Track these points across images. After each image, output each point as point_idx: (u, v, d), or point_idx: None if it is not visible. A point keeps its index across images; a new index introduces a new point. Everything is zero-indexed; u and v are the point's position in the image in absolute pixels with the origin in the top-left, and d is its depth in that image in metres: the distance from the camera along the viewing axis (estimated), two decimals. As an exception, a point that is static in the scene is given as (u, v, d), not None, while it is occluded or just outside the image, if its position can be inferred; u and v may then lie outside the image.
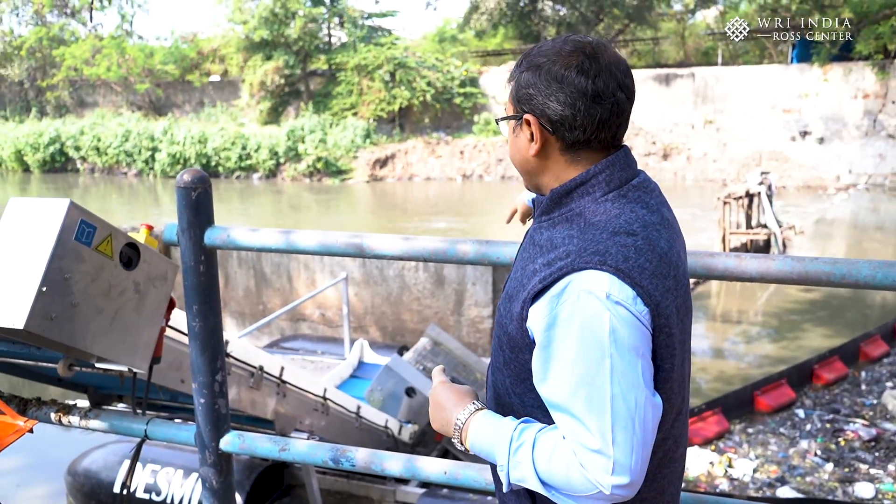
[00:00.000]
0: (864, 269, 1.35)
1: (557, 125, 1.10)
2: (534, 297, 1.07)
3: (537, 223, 1.18)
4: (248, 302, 7.64)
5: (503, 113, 1.23)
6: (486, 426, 1.11)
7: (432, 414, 1.20)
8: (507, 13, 26.29)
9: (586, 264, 1.02)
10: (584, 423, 1.00)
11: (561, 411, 1.03)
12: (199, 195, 1.70)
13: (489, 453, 1.10)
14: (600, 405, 0.99)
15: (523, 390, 1.15)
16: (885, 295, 9.87)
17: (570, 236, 1.08)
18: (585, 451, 0.99)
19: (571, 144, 1.12)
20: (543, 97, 1.09)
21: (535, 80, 1.11)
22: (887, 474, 4.71)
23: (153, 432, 1.90)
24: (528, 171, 1.18)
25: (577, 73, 1.08)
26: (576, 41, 1.11)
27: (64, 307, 1.61)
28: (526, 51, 1.18)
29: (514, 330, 1.12)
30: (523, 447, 1.05)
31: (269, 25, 24.75)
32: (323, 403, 3.47)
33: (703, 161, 22.02)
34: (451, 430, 1.15)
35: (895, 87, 19.69)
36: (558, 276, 1.04)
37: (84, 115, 29.72)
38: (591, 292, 1.00)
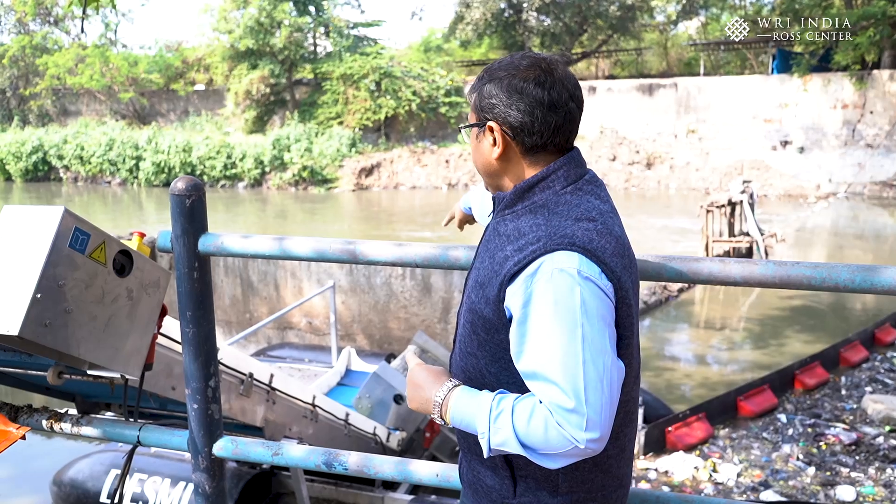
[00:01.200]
0: (843, 273, 1.39)
1: (518, 131, 1.23)
2: (510, 279, 1.18)
3: (499, 216, 1.29)
4: (234, 310, 7.62)
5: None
6: (466, 399, 1.21)
7: (410, 394, 1.28)
8: (491, 23, 26.48)
9: (557, 246, 1.15)
10: (559, 386, 1.10)
11: (537, 378, 1.14)
12: (192, 203, 1.72)
13: (469, 423, 1.19)
14: (574, 369, 1.10)
15: (498, 369, 1.26)
16: (864, 301, 10.02)
17: (536, 224, 1.21)
18: (562, 411, 1.10)
19: (530, 148, 1.25)
20: (505, 106, 1.23)
21: (496, 91, 1.23)
22: (868, 478, 4.78)
23: (146, 438, 1.90)
24: (490, 173, 1.30)
25: (534, 85, 1.22)
26: (532, 57, 1.25)
27: (58, 314, 1.62)
28: (487, 65, 1.30)
29: (490, 312, 1.22)
30: (503, 414, 1.14)
31: (254, 35, 24.75)
32: (312, 411, 3.48)
33: (686, 170, 22.26)
34: (430, 408, 1.24)
35: (873, 98, 20.05)
36: (532, 258, 1.16)
37: (67, 123, 29.51)
38: (563, 269, 1.13)
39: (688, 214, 15.97)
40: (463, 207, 1.97)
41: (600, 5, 25.53)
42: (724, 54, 27.56)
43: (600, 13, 25.79)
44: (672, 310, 9.84)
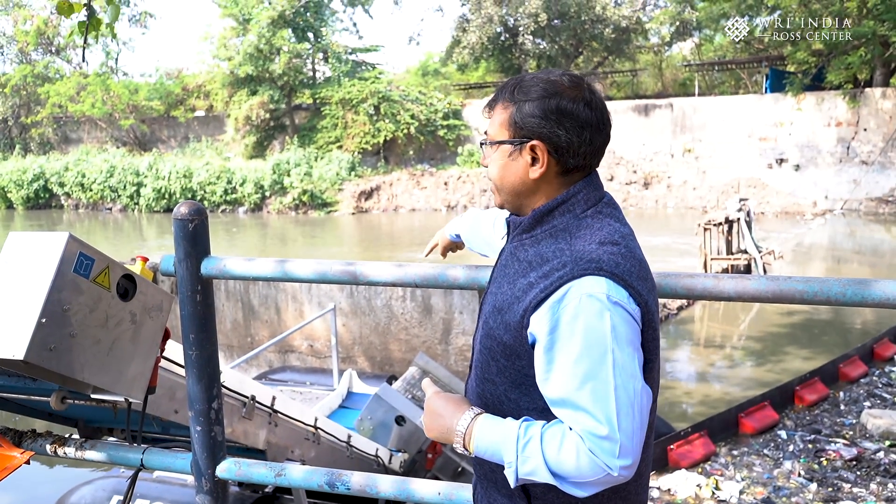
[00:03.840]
0: (834, 286, 1.43)
1: (563, 151, 1.22)
2: (536, 306, 1.15)
3: (517, 241, 1.28)
4: (235, 334, 7.62)
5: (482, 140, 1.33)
6: (490, 428, 1.18)
7: (429, 423, 1.25)
8: (488, 47, 26.77)
9: (584, 271, 1.13)
10: (591, 414, 1.09)
11: (567, 405, 1.12)
12: (195, 226, 1.76)
13: (494, 452, 1.16)
14: (605, 395, 1.09)
15: (518, 395, 1.23)
16: (863, 317, 10.03)
17: (560, 249, 1.19)
18: (595, 438, 1.08)
19: (569, 169, 1.24)
20: (552, 126, 1.20)
21: (541, 109, 1.20)
22: (870, 493, 4.76)
23: (149, 461, 1.92)
24: (520, 192, 1.27)
25: (584, 105, 1.22)
26: (571, 75, 1.25)
27: (62, 338, 1.64)
28: (513, 80, 1.26)
29: (511, 338, 1.20)
30: (532, 442, 1.12)
31: (253, 61, 25.00)
32: (314, 433, 3.48)
33: (684, 189, 22.36)
34: (451, 437, 1.21)
35: (866, 115, 20.22)
36: (559, 284, 1.14)
37: (68, 151, 29.68)
38: (591, 295, 1.11)
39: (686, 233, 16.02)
40: (449, 235, 1.92)
41: (595, 28, 25.83)
42: (719, 74, 27.83)
43: (595, 36, 26.08)
44: (671, 328, 9.85)
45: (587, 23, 25.65)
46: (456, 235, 1.91)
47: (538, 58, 27.30)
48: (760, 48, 24.56)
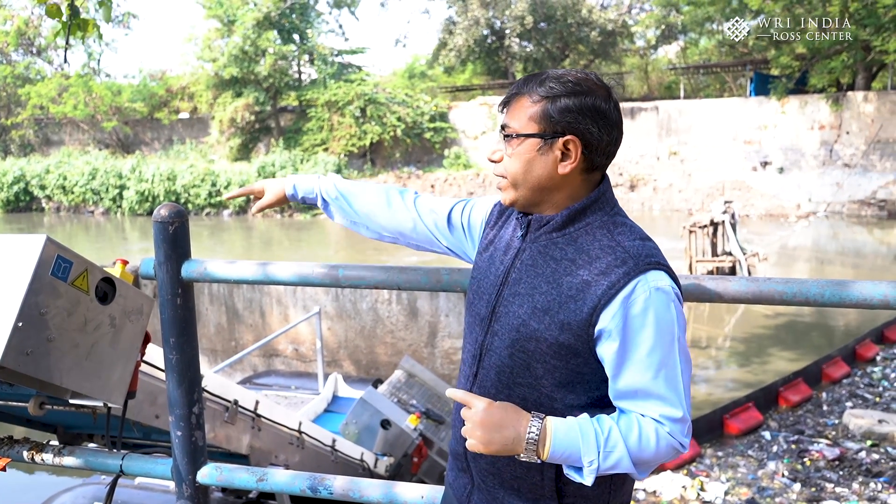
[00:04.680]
0: (812, 287, 1.44)
1: (593, 149, 1.22)
2: (606, 303, 1.16)
3: (546, 239, 1.26)
4: (220, 338, 7.56)
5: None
6: (565, 429, 1.16)
7: (487, 437, 1.18)
8: (474, 50, 26.81)
9: (647, 266, 1.17)
10: (667, 400, 1.16)
11: (641, 395, 1.17)
12: (175, 229, 1.74)
13: (572, 453, 1.15)
14: (675, 380, 1.17)
15: (564, 394, 1.24)
16: (846, 319, 10.13)
17: (608, 246, 1.21)
18: (672, 421, 1.16)
19: (594, 168, 1.25)
20: (588, 122, 1.20)
21: (579, 106, 1.20)
22: (852, 492, 4.80)
23: (129, 467, 1.89)
24: (544, 187, 1.25)
25: (613, 106, 1.24)
26: (597, 75, 1.26)
27: (40, 342, 1.61)
28: (535, 76, 1.25)
29: (571, 338, 1.19)
30: (612, 435, 1.15)
31: (238, 63, 24.87)
32: (298, 437, 3.46)
33: (669, 191, 22.50)
34: (520, 447, 1.16)
35: (849, 119, 20.45)
36: (626, 280, 1.16)
37: (50, 153, 29.37)
38: (659, 288, 1.16)
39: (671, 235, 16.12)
40: (290, 192, 1.62)
41: (581, 31, 25.95)
42: (704, 78, 28.04)
43: (581, 39, 26.20)
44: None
45: (573, 26, 25.77)
46: (297, 194, 1.62)
47: (525, 60, 27.39)
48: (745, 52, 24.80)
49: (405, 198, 1.55)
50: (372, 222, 1.57)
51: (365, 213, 1.57)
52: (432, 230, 1.52)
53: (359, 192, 1.59)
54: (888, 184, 20.12)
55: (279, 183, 1.65)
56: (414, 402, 5.18)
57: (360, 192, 1.59)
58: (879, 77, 22.57)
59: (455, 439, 1.41)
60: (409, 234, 1.54)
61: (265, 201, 1.65)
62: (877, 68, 21.35)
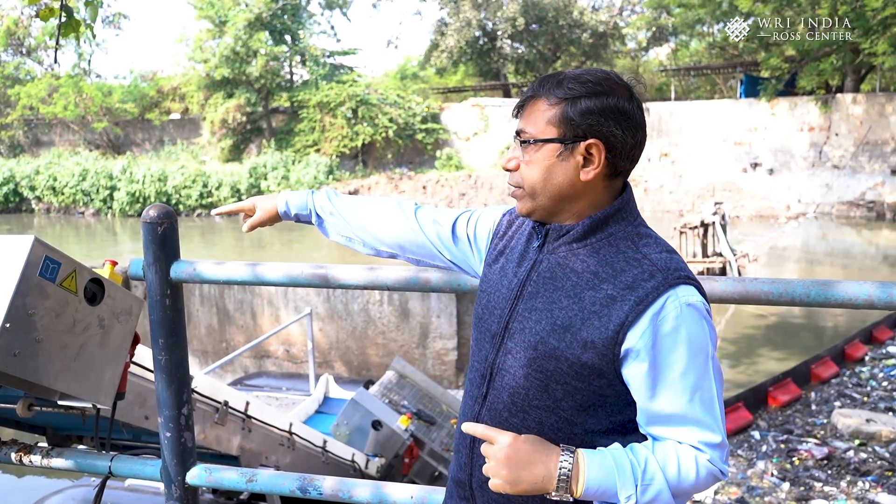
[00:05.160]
0: (798, 287, 1.45)
1: (617, 153, 1.14)
2: (634, 320, 1.07)
3: (565, 250, 1.17)
4: (210, 340, 7.54)
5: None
6: (598, 462, 1.06)
7: (514, 476, 1.07)
8: (466, 51, 26.87)
9: (677, 280, 1.09)
10: (705, 425, 1.08)
11: (677, 420, 1.08)
12: (164, 230, 1.74)
13: (608, 488, 1.05)
14: (711, 402, 1.08)
15: (585, 418, 1.14)
16: (835, 319, 10.20)
17: (634, 259, 1.12)
18: (711, 448, 1.08)
19: (617, 173, 1.16)
20: (611, 125, 1.12)
21: (601, 107, 1.11)
22: (840, 491, 4.84)
23: (118, 468, 1.89)
24: (565, 196, 1.16)
25: (637, 106, 1.15)
26: (617, 74, 1.17)
27: (28, 343, 1.61)
28: (551, 76, 1.16)
29: (594, 357, 1.10)
30: (649, 467, 1.06)
31: (230, 64, 24.82)
32: (289, 438, 3.45)
33: (660, 193, 22.60)
34: (550, 485, 1.06)
35: (838, 120, 20.60)
36: (656, 296, 1.07)
37: (40, 154, 29.19)
38: (690, 304, 1.08)
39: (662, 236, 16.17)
40: (282, 209, 1.56)
41: (573, 33, 26.05)
42: (694, 79, 28.19)
43: (573, 40, 26.30)
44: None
45: (565, 27, 25.86)
46: (291, 211, 1.55)
47: (516, 62, 27.46)
48: (735, 54, 24.95)
49: (405, 209, 1.47)
50: (369, 236, 1.49)
51: (362, 227, 1.49)
52: (434, 242, 1.43)
53: (355, 205, 1.52)
54: (877, 185, 20.29)
55: (271, 200, 1.58)
56: (405, 403, 5.18)
57: (356, 205, 1.52)
58: (868, 79, 22.78)
59: (458, 465, 1.30)
60: (410, 248, 1.46)
61: (256, 219, 1.58)
62: (865, 70, 21.53)
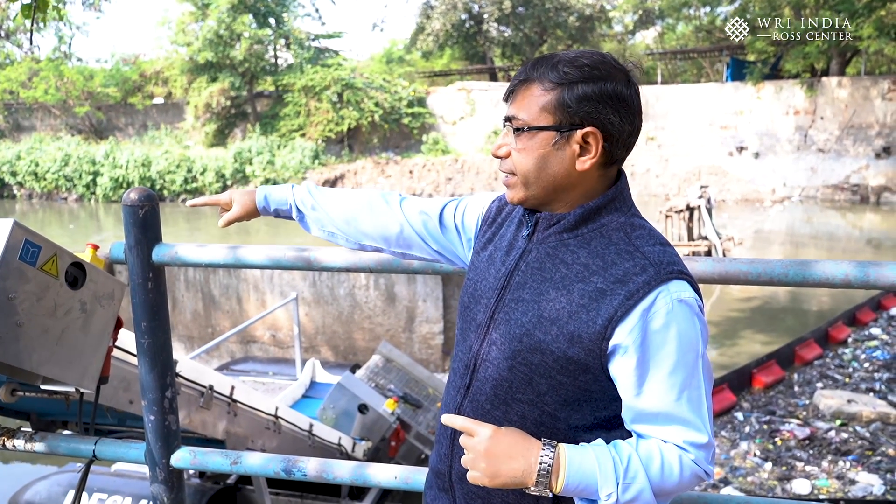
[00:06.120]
0: (777, 267, 1.46)
1: (614, 140, 1.09)
2: (623, 315, 1.05)
3: (555, 240, 1.14)
4: (196, 325, 7.51)
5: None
6: (580, 458, 1.04)
7: (493, 469, 1.05)
8: (452, 34, 26.70)
9: (669, 275, 1.06)
10: (691, 424, 1.06)
11: (663, 419, 1.06)
12: (145, 213, 1.72)
13: (588, 485, 1.03)
14: (699, 402, 1.06)
15: (569, 413, 1.12)
16: (820, 301, 10.32)
17: (626, 251, 1.09)
18: (696, 448, 1.06)
19: (613, 161, 1.12)
20: (608, 112, 1.07)
21: (598, 93, 1.07)
22: (822, 471, 4.93)
23: (102, 452, 1.89)
24: (559, 185, 1.12)
25: (634, 91, 1.10)
26: (613, 57, 1.12)
27: (8, 327, 1.60)
28: (543, 59, 1.11)
29: (580, 352, 1.08)
30: (632, 465, 1.04)
31: (213, 47, 24.52)
32: (275, 422, 3.46)
33: (647, 176, 22.67)
34: (530, 479, 1.04)
35: (823, 104, 20.71)
36: (647, 290, 1.04)
37: (20, 139, 28.78)
38: (682, 300, 1.05)
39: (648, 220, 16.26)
40: (261, 203, 1.52)
41: (559, 16, 25.94)
42: (681, 63, 28.21)
43: (559, 24, 26.20)
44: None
45: (551, 10, 25.75)
46: (270, 206, 1.52)
47: (503, 45, 27.33)
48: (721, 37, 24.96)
49: (389, 201, 1.43)
50: (353, 230, 1.46)
51: (345, 220, 1.45)
52: (421, 233, 1.40)
53: (337, 198, 1.47)
54: (861, 168, 20.46)
55: (249, 194, 1.52)
56: (392, 386, 5.20)
57: (338, 198, 1.47)
58: (853, 63, 22.89)
59: (438, 456, 1.29)
60: (395, 240, 1.43)
61: (233, 214, 1.52)
62: (850, 54, 21.63)
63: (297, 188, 1.51)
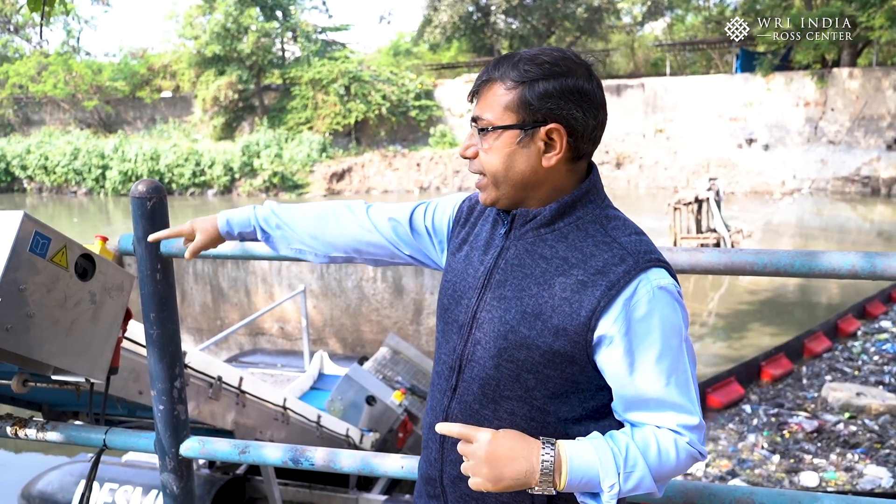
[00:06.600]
0: (783, 258, 1.45)
1: (579, 135, 1.10)
2: (606, 305, 1.06)
3: (533, 236, 1.15)
4: (205, 318, 7.55)
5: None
6: (580, 452, 1.04)
7: (496, 473, 1.03)
8: (460, 26, 26.61)
9: (647, 263, 1.08)
10: (682, 407, 1.08)
11: (654, 405, 1.08)
12: (154, 205, 1.74)
13: (590, 479, 1.03)
14: (687, 385, 1.09)
15: (558, 406, 1.13)
16: (829, 294, 10.27)
17: (603, 243, 1.10)
18: (689, 430, 1.08)
19: (580, 156, 1.13)
20: (571, 107, 1.08)
21: (559, 89, 1.08)
22: (830, 463, 4.92)
23: (112, 441, 1.91)
24: (528, 183, 1.13)
25: (596, 85, 1.12)
26: (574, 53, 1.13)
27: (19, 318, 1.61)
28: (505, 58, 1.12)
29: (566, 345, 1.09)
30: (630, 454, 1.05)
31: (221, 40, 24.55)
32: (283, 413, 3.48)
33: (655, 169, 22.58)
34: (533, 479, 1.03)
35: (833, 95, 20.54)
36: (628, 280, 1.06)
37: (30, 133, 28.94)
38: (662, 287, 1.07)
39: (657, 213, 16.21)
40: (223, 228, 1.49)
41: (567, 7, 25.81)
42: (690, 55, 28.03)
43: (567, 15, 26.07)
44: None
45: (559, 2, 25.62)
46: (232, 231, 1.49)
47: (510, 37, 27.22)
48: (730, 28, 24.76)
49: (356, 210, 1.42)
50: (321, 244, 1.43)
51: (313, 236, 1.43)
52: (391, 239, 1.39)
53: (302, 214, 1.45)
54: (872, 160, 20.31)
55: (210, 221, 1.49)
56: (399, 378, 5.22)
57: (303, 214, 1.45)
58: (865, 54, 22.68)
59: (427, 462, 1.28)
60: (366, 249, 1.42)
61: (197, 243, 1.49)
62: (862, 45, 21.43)
63: (260, 209, 1.47)
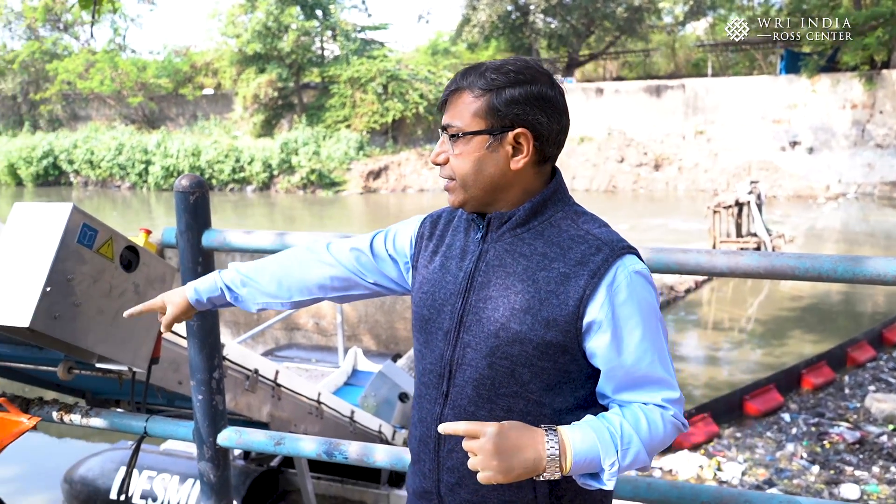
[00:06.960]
0: (825, 263, 1.42)
1: (544, 139, 1.17)
2: (591, 293, 1.12)
3: (511, 236, 1.20)
4: (242, 311, 7.68)
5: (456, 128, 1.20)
6: (581, 435, 1.08)
7: (506, 465, 1.05)
8: (498, 26, 26.53)
9: (622, 251, 1.16)
10: (665, 382, 1.16)
11: (642, 383, 1.16)
12: (196, 199, 1.78)
13: (592, 460, 1.08)
14: (665, 360, 1.17)
15: (552, 397, 1.18)
16: (875, 301, 9.98)
17: (577, 236, 1.17)
18: (672, 403, 1.16)
19: (545, 159, 1.20)
20: (535, 112, 1.15)
21: (524, 95, 1.14)
22: (872, 476, 4.78)
23: (152, 429, 1.95)
24: (497, 186, 1.18)
25: (559, 92, 1.18)
26: (535, 61, 1.20)
27: (67, 307, 1.67)
28: (472, 68, 1.18)
29: (558, 335, 1.14)
30: (625, 431, 1.10)
31: (262, 39, 24.91)
32: (317, 408, 3.52)
33: (695, 171, 22.21)
34: (541, 467, 1.06)
35: (882, 98, 19.95)
36: (606, 267, 1.13)
37: (77, 128, 29.78)
38: (637, 271, 1.15)
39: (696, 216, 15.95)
40: (192, 297, 1.48)
41: (607, 7, 25.54)
42: (733, 55, 27.50)
43: (607, 15, 25.79)
44: (680, 311, 9.84)
45: (599, 1, 25.36)
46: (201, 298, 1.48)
47: (549, 37, 27.06)
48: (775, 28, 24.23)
49: (316, 250, 1.45)
50: (285, 290, 1.45)
51: (277, 282, 1.45)
52: (356, 270, 1.41)
53: (263, 265, 1.48)
54: (921, 165, 19.68)
55: (179, 293, 1.49)
56: (432, 376, 5.23)
57: (264, 265, 1.48)
58: (916, 55, 21.97)
59: (420, 476, 1.29)
60: (330, 284, 1.43)
61: (170, 315, 1.48)
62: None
63: (224, 272, 1.50)
